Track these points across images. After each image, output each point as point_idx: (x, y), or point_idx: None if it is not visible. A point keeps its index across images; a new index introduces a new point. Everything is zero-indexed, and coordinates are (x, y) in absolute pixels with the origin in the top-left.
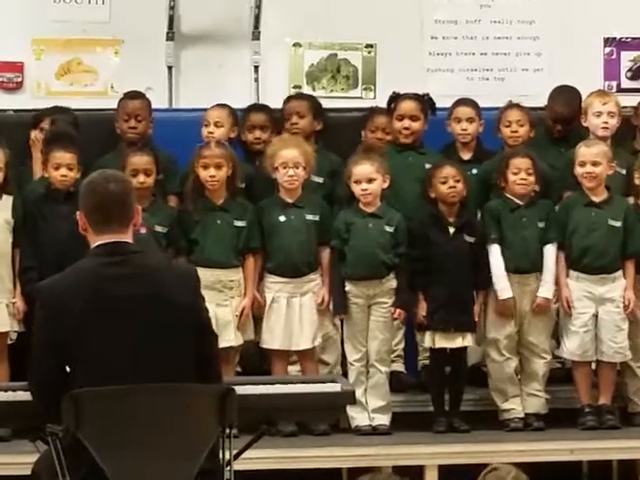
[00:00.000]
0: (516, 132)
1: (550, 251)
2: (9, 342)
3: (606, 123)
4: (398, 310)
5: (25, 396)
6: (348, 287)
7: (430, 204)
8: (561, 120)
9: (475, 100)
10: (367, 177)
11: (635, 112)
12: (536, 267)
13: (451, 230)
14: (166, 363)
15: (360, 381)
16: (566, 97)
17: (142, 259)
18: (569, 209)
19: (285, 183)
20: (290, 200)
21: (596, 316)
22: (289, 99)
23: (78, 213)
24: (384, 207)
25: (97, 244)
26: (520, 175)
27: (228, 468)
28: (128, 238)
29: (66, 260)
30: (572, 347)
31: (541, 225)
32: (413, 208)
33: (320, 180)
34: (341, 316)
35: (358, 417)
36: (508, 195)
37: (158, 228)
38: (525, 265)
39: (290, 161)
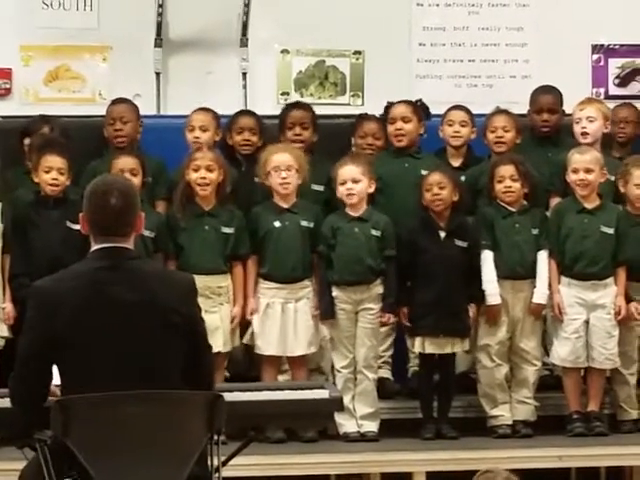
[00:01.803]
0: (501, 137)
1: (543, 257)
2: None
3: (585, 128)
4: (387, 314)
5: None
6: (335, 292)
7: (423, 210)
8: (545, 109)
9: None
10: (352, 177)
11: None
12: (530, 273)
13: (442, 235)
14: (156, 368)
15: (348, 388)
16: (546, 87)
17: (138, 265)
18: (561, 215)
19: (279, 187)
20: (285, 205)
21: (587, 322)
22: (290, 108)
23: (81, 215)
24: (370, 210)
25: (95, 248)
26: (504, 183)
27: (216, 475)
28: (128, 244)
29: (58, 266)
30: (563, 353)
31: (535, 232)
32: (408, 214)
33: (320, 188)
34: (329, 321)
35: (346, 424)
36: (500, 202)
37: (146, 233)
38: (518, 271)
39: (282, 164)
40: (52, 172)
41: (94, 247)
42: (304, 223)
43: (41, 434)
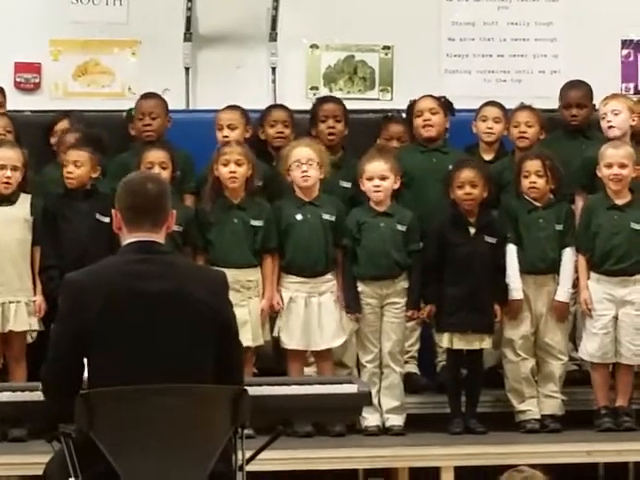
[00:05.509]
0: (524, 133)
1: (568, 255)
2: (29, 341)
3: (610, 122)
4: (411, 310)
5: (42, 396)
6: (361, 287)
7: (451, 204)
8: (574, 103)
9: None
10: (380, 174)
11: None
12: (552, 268)
13: (472, 231)
14: (185, 362)
15: (373, 382)
16: (574, 82)
17: (170, 259)
18: (591, 212)
19: (300, 180)
20: (307, 199)
21: (616, 318)
22: (323, 101)
23: (113, 211)
24: (395, 206)
25: (128, 242)
26: (530, 178)
27: (240, 468)
28: (160, 238)
29: (87, 258)
30: (592, 349)
31: (558, 227)
32: (436, 209)
33: (348, 185)
34: (355, 315)
35: (369, 417)
36: (525, 196)
37: (174, 227)
38: (541, 266)
39: (303, 158)
40: (69, 165)
41: (127, 241)
42: (326, 216)
43: (66, 427)
